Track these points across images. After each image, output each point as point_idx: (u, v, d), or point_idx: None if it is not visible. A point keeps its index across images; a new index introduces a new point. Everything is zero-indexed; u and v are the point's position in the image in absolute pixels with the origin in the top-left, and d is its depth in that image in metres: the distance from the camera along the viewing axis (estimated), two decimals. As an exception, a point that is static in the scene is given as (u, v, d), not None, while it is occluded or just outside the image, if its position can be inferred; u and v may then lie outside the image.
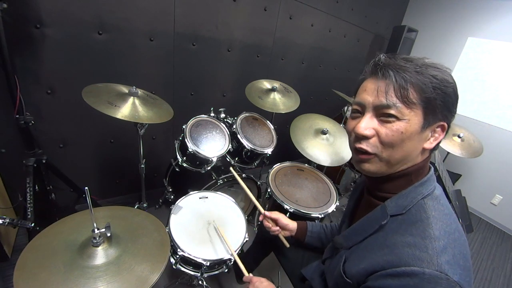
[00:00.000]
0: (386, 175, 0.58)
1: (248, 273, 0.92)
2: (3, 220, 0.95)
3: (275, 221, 1.02)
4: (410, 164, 0.57)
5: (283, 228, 1.02)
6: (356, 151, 0.59)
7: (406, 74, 0.51)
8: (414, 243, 0.49)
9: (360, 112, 0.58)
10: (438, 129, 0.55)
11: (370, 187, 0.66)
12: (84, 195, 1.47)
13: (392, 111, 0.52)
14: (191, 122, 1.50)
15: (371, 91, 0.55)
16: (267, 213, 1.01)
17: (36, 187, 1.22)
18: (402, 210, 0.55)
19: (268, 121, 1.78)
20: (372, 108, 0.55)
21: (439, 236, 0.49)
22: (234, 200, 1.31)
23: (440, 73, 0.52)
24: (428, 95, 0.51)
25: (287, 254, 1.07)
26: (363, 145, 0.56)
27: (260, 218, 1.03)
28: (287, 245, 1.01)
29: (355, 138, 0.58)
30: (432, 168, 0.60)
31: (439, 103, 0.52)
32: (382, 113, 0.54)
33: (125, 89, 1.25)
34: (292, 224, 1.02)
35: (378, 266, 0.51)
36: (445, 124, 0.55)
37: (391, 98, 0.52)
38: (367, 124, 0.55)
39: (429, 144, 0.55)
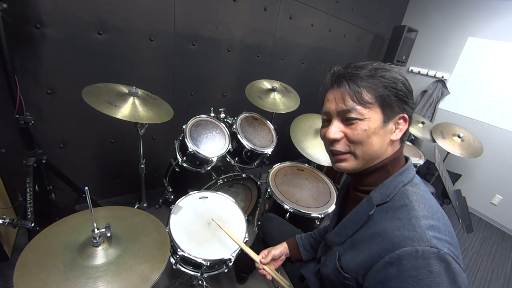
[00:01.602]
0: (363, 170, 0.64)
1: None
2: (3, 220, 0.95)
3: (272, 260, 0.97)
4: (383, 157, 0.63)
5: (280, 259, 1.00)
6: (332, 153, 0.66)
7: (358, 80, 0.59)
8: (402, 225, 0.53)
9: (327, 120, 0.66)
10: (401, 121, 0.61)
11: (353, 183, 0.71)
12: (84, 195, 1.47)
13: (352, 115, 0.59)
14: (191, 122, 1.50)
15: (332, 100, 0.63)
16: (263, 260, 0.95)
17: (36, 187, 1.22)
18: (387, 198, 0.59)
19: (268, 121, 1.78)
20: (336, 115, 0.63)
21: (424, 215, 0.53)
22: (234, 200, 1.31)
23: (388, 73, 0.59)
24: (381, 93, 0.58)
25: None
26: (336, 147, 0.64)
27: (260, 266, 0.96)
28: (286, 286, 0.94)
29: (329, 143, 0.65)
30: (410, 159, 0.66)
31: (393, 98, 0.58)
32: (346, 117, 0.61)
33: (125, 89, 1.25)
34: (283, 247, 1.00)
35: (375, 256, 0.53)
36: (405, 115, 0.61)
37: (349, 103, 0.59)
38: (335, 129, 0.63)
39: (395, 136, 0.62)
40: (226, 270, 1.09)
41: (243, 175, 1.61)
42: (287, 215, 1.35)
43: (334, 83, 0.63)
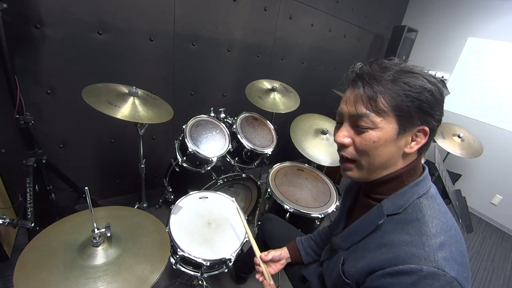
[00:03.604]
0: (377, 179, 0.60)
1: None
2: (3, 220, 0.95)
3: (271, 260, 0.94)
4: (393, 169, 0.58)
5: (279, 262, 0.97)
6: (340, 158, 0.63)
7: (375, 84, 0.53)
8: (411, 241, 0.50)
9: (340, 122, 0.62)
10: (420, 134, 0.55)
11: (365, 188, 0.67)
12: (84, 195, 1.47)
13: (363, 123, 0.54)
14: (191, 122, 1.50)
15: (346, 101, 0.58)
16: (264, 257, 0.91)
17: (36, 187, 1.22)
18: (398, 210, 0.56)
19: (268, 121, 1.78)
20: (348, 118, 0.58)
21: (436, 233, 0.50)
22: (234, 200, 1.30)
23: (414, 79, 0.52)
24: (399, 103, 0.51)
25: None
26: (344, 153, 0.60)
27: (258, 262, 0.91)
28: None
29: (338, 147, 0.62)
30: (427, 168, 0.61)
31: (414, 109, 0.52)
32: (356, 124, 0.56)
33: (125, 89, 1.25)
34: (284, 252, 0.98)
35: (377, 266, 0.52)
36: (426, 128, 0.54)
37: (361, 109, 0.54)
38: (344, 133, 0.58)
39: (410, 149, 0.56)
40: (226, 270, 1.09)
41: (243, 175, 1.61)
42: (287, 215, 1.35)
43: (351, 82, 0.57)
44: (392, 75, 0.52)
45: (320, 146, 1.67)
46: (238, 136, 1.54)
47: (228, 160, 1.62)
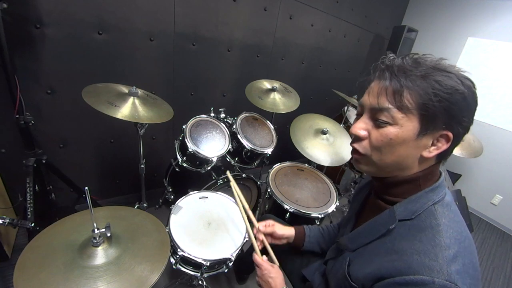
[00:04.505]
0: (390, 179, 0.58)
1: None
2: (3, 220, 0.95)
3: (270, 235, 0.94)
4: (408, 172, 0.56)
5: (279, 239, 0.95)
6: (352, 150, 0.61)
7: (404, 78, 0.50)
8: (424, 251, 0.48)
9: (360, 113, 0.59)
10: (442, 139, 0.52)
11: (378, 190, 0.64)
12: (84, 195, 1.47)
13: (383, 117, 0.52)
14: (191, 122, 1.50)
15: (369, 92, 0.56)
16: (262, 227, 0.92)
17: (36, 187, 1.22)
18: (411, 216, 0.53)
19: (268, 121, 1.78)
20: (368, 110, 0.56)
21: (450, 244, 0.48)
22: (234, 200, 1.31)
23: (447, 79, 0.48)
24: (426, 101, 0.48)
25: (288, 254, 1.07)
26: (355, 145, 0.58)
27: (254, 232, 0.92)
28: (276, 262, 0.87)
29: (352, 138, 0.59)
30: (443, 174, 0.59)
31: (441, 110, 0.48)
32: (376, 117, 0.54)
33: (125, 89, 1.25)
34: (289, 232, 0.96)
35: (386, 273, 0.50)
36: (450, 134, 0.50)
37: (383, 102, 0.52)
38: (361, 125, 0.56)
39: (428, 153, 0.52)
40: (226, 270, 1.09)
41: (243, 175, 1.61)
42: (287, 215, 1.35)
43: (378, 73, 0.54)
44: (424, 71, 0.49)
45: (320, 146, 1.66)
46: (238, 136, 1.54)
47: (228, 160, 1.62)
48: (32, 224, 1.09)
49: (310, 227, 1.01)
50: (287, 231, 0.96)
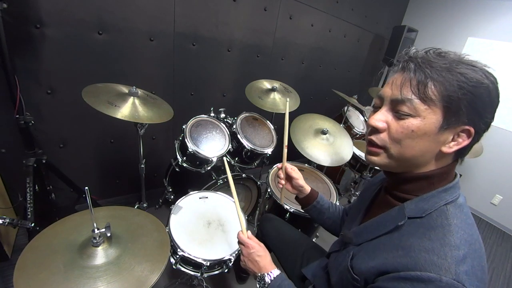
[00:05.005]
0: (405, 175, 0.57)
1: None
2: (3, 220, 0.95)
3: (291, 180, 0.99)
4: (424, 169, 0.55)
5: (296, 188, 1.00)
6: (367, 142, 0.59)
7: (429, 69, 0.49)
8: (432, 249, 0.47)
9: (379, 106, 0.58)
10: (463, 134, 0.50)
11: (389, 186, 0.64)
12: (84, 195, 1.47)
13: (405, 108, 0.51)
14: (191, 122, 1.50)
15: (391, 84, 0.55)
16: (289, 166, 0.98)
17: (36, 187, 1.22)
18: (422, 214, 0.53)
19: (268, 121, 1.78)
20: (389, 102, 0.54)
21: (459, 245, 0.47)
22: (233, 200, 1.30)
23: (471, 72, 0.48)
24: (451, 93, 0.47)
25: (287, 254, 1.07)
26: (373, 137, 0.56)
27: (279, 166, 1.01)
28: (282, 202, 0.98)
29: (369, 130, 0.58)
30: (458, 175, 0.57)
31: (465, 103, 0.48)
32: (397, 109, 0.53)
33: (125, 89, 1.25)
34: (307, 188, 1.00)
35: (391, 267, 0.50)
36: (471, 129, 0.49)
37: (406, 93, 0.50)
38: (380, 117, 0.55)
39: (448, 148, 0.51)
40: (226, 270, 1.09)
41: (243, 175, 1.61)
42: (287, 215, 1.35)
43: (401, 64, 0.54)
44: (449, 63, 0.49)
45: (320, 146, 1.66)
46: (238, 136, 1.54)
47: (228, 160, 1.62)
48: (32, 224, 1.09)
49: (323, 198, 1.02)
50: (306, 186, 1.00)
